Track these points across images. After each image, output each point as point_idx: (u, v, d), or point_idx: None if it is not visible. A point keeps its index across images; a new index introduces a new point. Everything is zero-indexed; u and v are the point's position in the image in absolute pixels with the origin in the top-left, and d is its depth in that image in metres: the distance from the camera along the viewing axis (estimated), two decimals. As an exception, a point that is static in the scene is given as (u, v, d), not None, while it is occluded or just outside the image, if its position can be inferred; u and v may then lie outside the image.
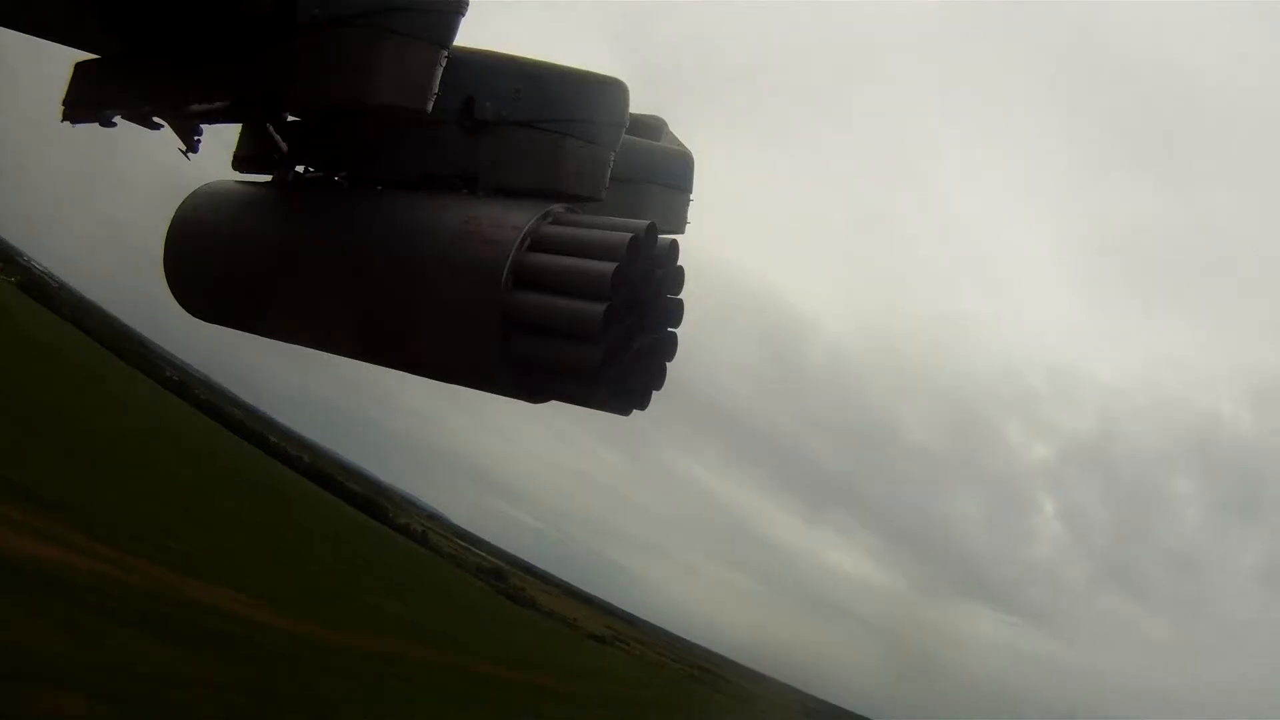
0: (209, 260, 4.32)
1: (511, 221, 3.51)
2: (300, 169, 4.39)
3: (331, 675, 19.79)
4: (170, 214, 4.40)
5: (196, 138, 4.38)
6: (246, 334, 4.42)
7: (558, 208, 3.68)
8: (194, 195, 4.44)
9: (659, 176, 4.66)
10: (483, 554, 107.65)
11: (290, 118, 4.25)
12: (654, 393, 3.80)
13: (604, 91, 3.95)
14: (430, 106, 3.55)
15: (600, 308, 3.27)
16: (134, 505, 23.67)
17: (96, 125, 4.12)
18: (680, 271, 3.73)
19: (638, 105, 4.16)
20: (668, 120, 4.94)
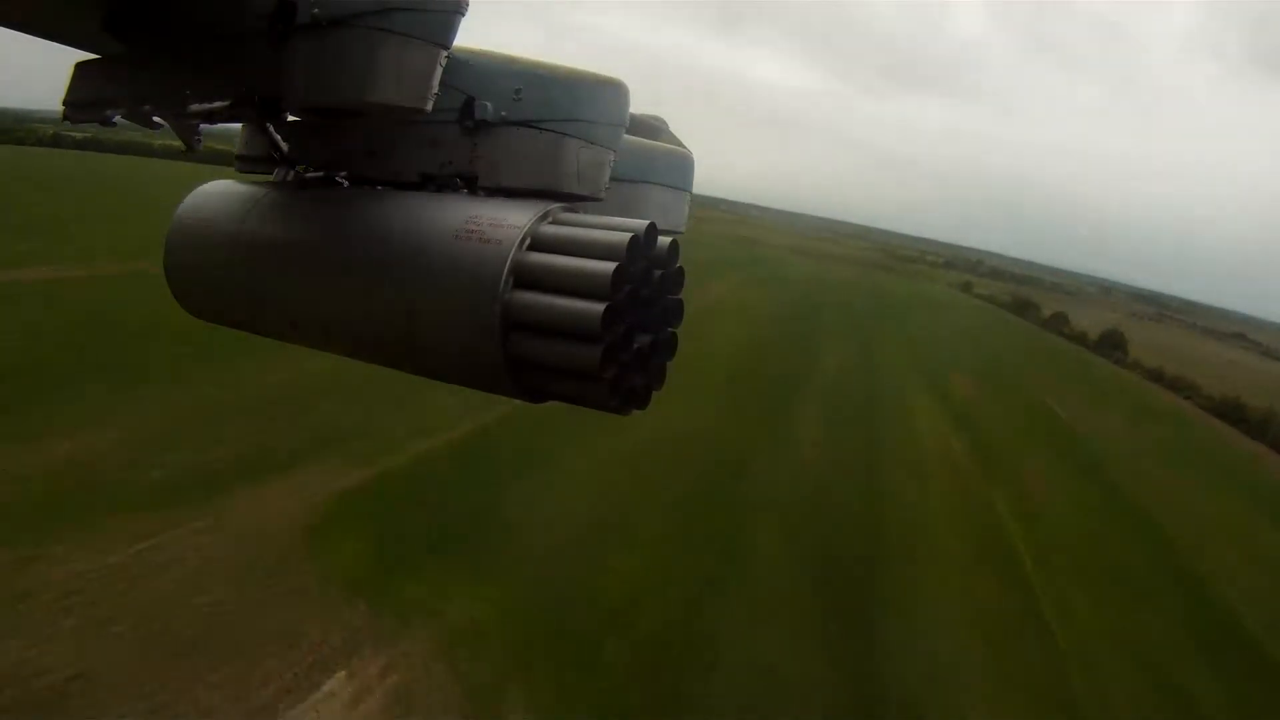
0: (209, 260, 4.32)
1: (511, 221, 3.51)
2: (300, 169, 4.40)
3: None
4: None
5: (196, 138, 4.39)
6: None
7: (557, 208, 3.67)
8: (194, 195, 4.45)
9: (659, 176, 4.66)
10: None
11: (290, 118, 4.25)
12: (654, 393, 3.80)
13: (604, 92, 3.94)
14: (430, 106, 3.55)
15: (600, 307, 3.26)
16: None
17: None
18: (680, 271, 3.74)
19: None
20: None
